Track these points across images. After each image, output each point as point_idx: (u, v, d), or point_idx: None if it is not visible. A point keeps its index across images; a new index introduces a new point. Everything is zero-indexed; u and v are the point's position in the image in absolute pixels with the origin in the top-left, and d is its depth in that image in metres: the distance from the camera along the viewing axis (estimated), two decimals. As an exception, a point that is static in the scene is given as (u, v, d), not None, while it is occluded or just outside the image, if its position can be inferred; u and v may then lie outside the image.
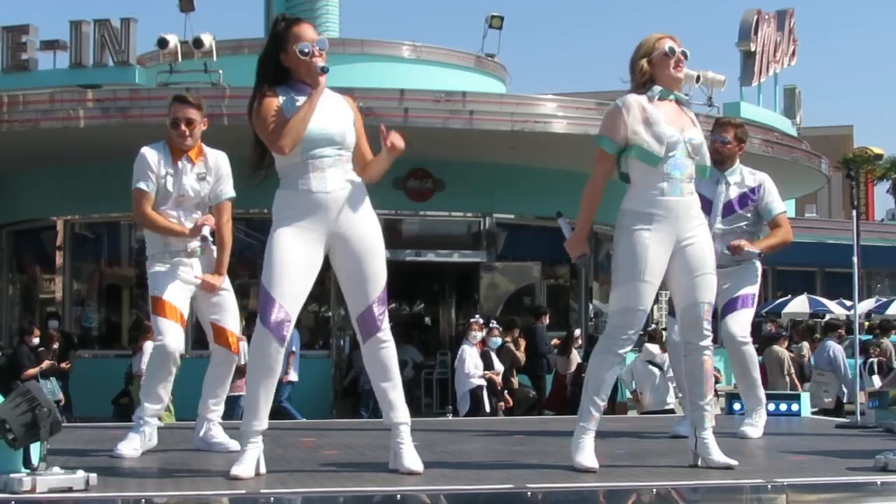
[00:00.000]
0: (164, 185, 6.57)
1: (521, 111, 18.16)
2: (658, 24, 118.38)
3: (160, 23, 59.08)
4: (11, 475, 4.78)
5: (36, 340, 16.35)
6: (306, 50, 5.41)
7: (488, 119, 17.84)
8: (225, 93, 17.87)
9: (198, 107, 6.72)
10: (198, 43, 19.94)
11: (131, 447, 6.38)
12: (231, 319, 6.74)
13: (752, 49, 30.57)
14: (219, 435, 6.63)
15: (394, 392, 5.52)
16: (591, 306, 21.81)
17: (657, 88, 5.73)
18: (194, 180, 6.63)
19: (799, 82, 38.19)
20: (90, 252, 21.17)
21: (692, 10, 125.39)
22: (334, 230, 5.39)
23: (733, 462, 5.70)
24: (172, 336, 6.44)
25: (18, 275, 23.27)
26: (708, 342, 5.77)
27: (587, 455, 5.62)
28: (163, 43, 20.04)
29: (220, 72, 19.61)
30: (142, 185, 6.55)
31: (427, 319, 23.67)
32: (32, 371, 15.69)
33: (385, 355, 5.50)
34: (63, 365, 16.85)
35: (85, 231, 20.96)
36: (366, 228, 5.46)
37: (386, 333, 5.49)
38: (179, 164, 6.61)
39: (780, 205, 7.83)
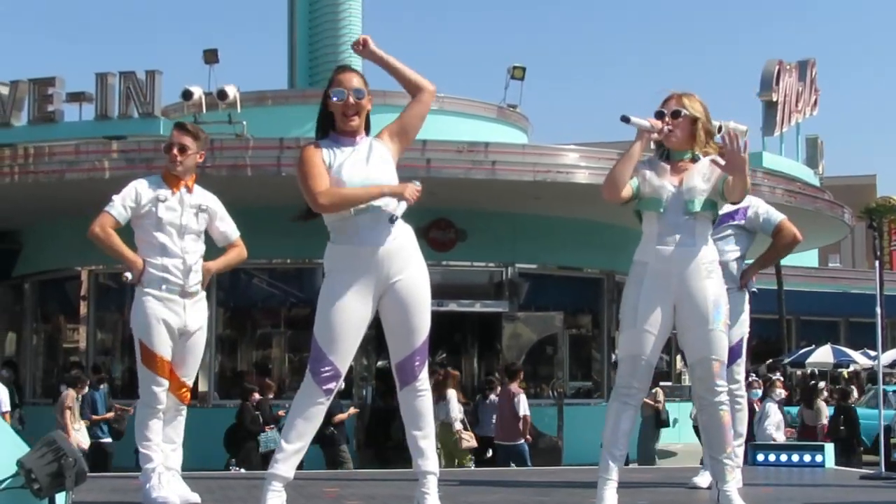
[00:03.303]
0: (155, 212, 6.56)
1: (544, 161, 18.20)
2: (681, 74, 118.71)
3: (185, 75, 59.51)
4: (36, 525, 4.81)
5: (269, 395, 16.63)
6: (341, 96, 5.47)
7: (511, 169, 17.88)
8: (249, 144, 17.98)
9: (194, 136, 6.74)
10: (222, 94, 20.11)
11: (172, 490, 6.47)
12: (189, 367, 6.74)
13: (774, 99, 30.66)
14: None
15: (425, 441, 5.53)
16: (613, 356, 21.76)
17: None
18: (193, 212, 6.68)
19: (821, 132, 38.15)
20: (114, 302, 21.26)
21: (714, 60, 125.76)
22: (386, 281, 5.41)
23: (757, 513, 5.69)
24: (163, 394, 6.54)
25: (42, 325, 23.39)
26: (722, 397, 5.73)
27: (609, 506, 5.60)
28: (187, 94, 20.23)
29: (245, 123, 19.76)
30: (112, 212, 6.59)
31: (449, 369, 23.64)
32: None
33: (420, 404, 5.52)
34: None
35: (109, 281, 21.05)
36: (416, 280, 5.47)
37: (423, 383, 5.52)
38: (179, 193, 6.65)
39: None
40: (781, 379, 18.39)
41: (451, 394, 15.70)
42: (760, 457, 9.72)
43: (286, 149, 17.30)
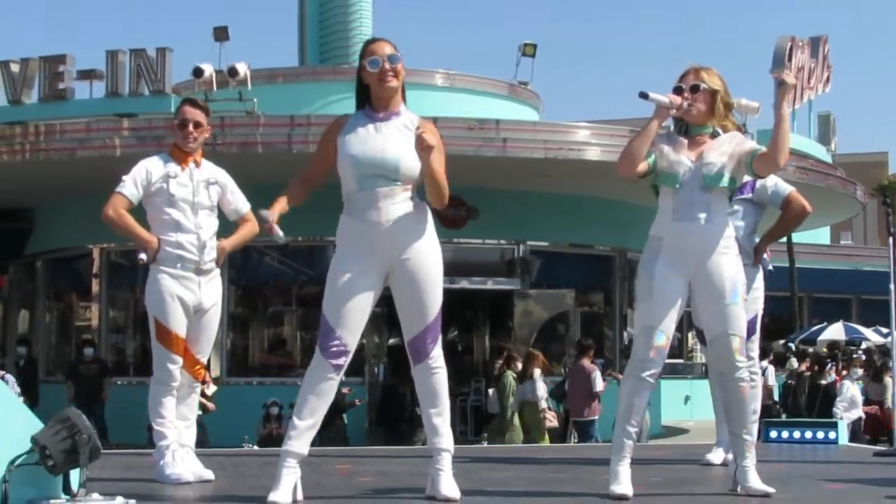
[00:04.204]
0: (167, 188, 6.56)
1: (555, 139, 18.16)
2: (692, 51, 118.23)
3: (195, 52, 59.60)
4: (51, 501, 4.81)
5: None
6: (375, 64, 5.46)
7: (522, 147, 17.85)
8: (259, 121, 17.98)
9: (205, 111, 6.78)
10: (232, 72, 20.09)
11: (186, 467, 6.47)
12: (203, 345, 6.76)
13: (786, 76, 30.49)
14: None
15: (439, 418, 5.52)
16: (625, 333, 21.75)
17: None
18: (204, 186, 6.68)
19: (833, 109, 38.02)
20: (126, 280, 21.29)
21: (726, 37, 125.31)
22: (394, 258, 5.40)
23: (771, 490, 5.68)
24: (177, 372, 6.58)
25: (55, 303, 23.45)
26: (742, 373, 5.70)
27: (622, 483, 5.60)
28: (198, 72, 20.21)
29: (255, 100, 19.73)
30: (124, 192, 6.58)
31: (460, 347, 23.69)
32: None
33: (434, 381, 5.51)
34: None
35: (121, 259, 21.08)
36: (425, 257, 5.45)
37: (435, 360, 5.50)
38: (188, 168, 6.65)
39: None
40: (863, 357, 18.29)
41: (538, 373, 15.95)
42: (774, 433, 9.72)
43: (297, 126, 17.29)
